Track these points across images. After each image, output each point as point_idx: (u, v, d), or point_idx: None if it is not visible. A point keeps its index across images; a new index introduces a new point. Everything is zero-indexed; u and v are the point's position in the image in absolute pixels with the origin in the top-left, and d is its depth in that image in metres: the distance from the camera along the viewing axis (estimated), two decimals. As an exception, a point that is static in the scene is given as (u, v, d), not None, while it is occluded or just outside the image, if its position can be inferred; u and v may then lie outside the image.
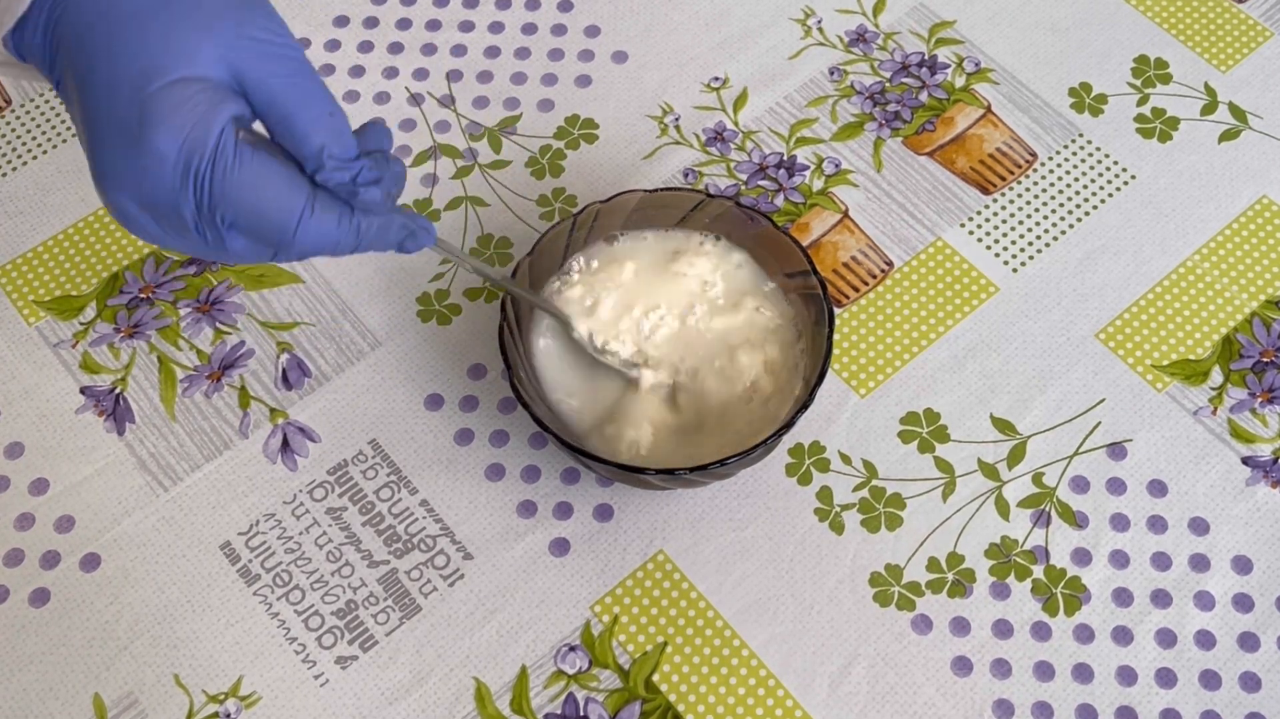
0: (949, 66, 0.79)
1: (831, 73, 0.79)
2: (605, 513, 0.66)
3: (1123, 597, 0.63)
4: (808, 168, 0.76)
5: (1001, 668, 0.62)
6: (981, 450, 0.67)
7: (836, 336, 0.70)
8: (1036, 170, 0.76)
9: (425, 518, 0.65)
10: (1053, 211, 0.74)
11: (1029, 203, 0.75)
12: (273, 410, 0.68)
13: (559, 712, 0.61)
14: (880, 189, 0.75)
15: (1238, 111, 0.78)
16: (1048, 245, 0.73)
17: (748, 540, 0.65)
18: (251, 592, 0.64)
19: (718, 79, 0.79)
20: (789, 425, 0.60)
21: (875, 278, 0.72)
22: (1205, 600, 0.63)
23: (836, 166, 0.76)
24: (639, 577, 0.64)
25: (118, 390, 0.69)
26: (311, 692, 0.61)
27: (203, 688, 0.61)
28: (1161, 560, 0.64)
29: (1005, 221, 0.74)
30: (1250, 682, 0.61)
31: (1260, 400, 0.68)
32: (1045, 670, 0.62)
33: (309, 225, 0.48)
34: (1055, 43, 0.81)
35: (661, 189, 0.67)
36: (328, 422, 0.68)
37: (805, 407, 0.60)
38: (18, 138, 0.77)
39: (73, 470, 0.67)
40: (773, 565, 0.64)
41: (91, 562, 0.64)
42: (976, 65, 0.80)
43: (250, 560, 0.64)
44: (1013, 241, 0.73)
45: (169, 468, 0.67)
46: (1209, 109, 0.78)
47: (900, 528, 0.65)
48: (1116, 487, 0.66)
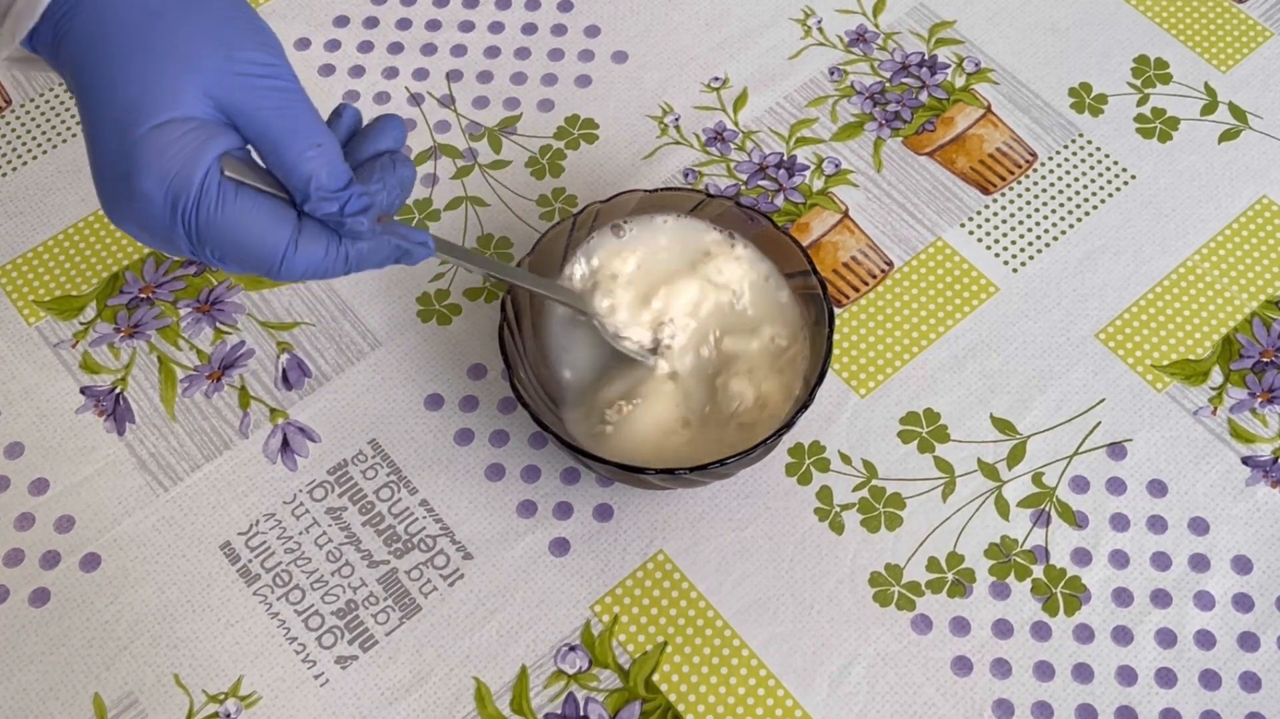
0: (949, 66, 0.79)
1: (831, 73, 0.79)
2: (605, 513, 0.66)
3: (1123, 596, 0.63)
4: (808, 168, 0.76)
5: (1001, 668, 0.62)
6: (981, 450, 0.67)
7: (836, 337, 0.70)
8: (1036, 170, 0.76)
9: (425, 518, 0.65)
10: (1053, 211, 0.74)
11: (1029, 203, 0.75)
12: (273, 410, 0.68)
13: (559, 712, 0.61)
14: (880, 189, 0.75)
15: (1238, 111, 0.78)
16: (1048, 245, 0.73)
17: (748, 540, 0.65)
18: (251, 592, 0.64)
19: (718, 79, 0.79)
20: (789, 425, 0.60)
21: (875, 278, 0.72)
22: (1205, 600, 0.63)
23: (836, 166, 0.76)
24: (639, 577, 0.64)
25: (118, 390, 0.69)
26: (311, 692, 0.61)
27: (203, 688, 0.61)
28: (1161, 560, 0.64)
29: (1005, 221, 0.74)
30: (1250, 682, 0.61)
31: (1260, 400, 0.68)
32: (1045, 670, 0.62)
33: (294, 259, 0.49)
34: (1055, 43, 0.81)
35: (661, 189, 0.67)
36: (328, 421, 0.68)
37: (805, 406, 0.60)
38: (18, 138, 0.77)
39: (73, 470, 0.67)
40: (773, 565, 0.64)
41: (91, 562, 0.64)
42: (976, 65, 0.80)
43: (250, 560, 0.64)
44: (1013, 242, 0.73)
45: (169, 468, 0.67)
46: (1209, 109, 0.78)
47: (900, 528, 0.65)
48: (1116, 486, 0.66)
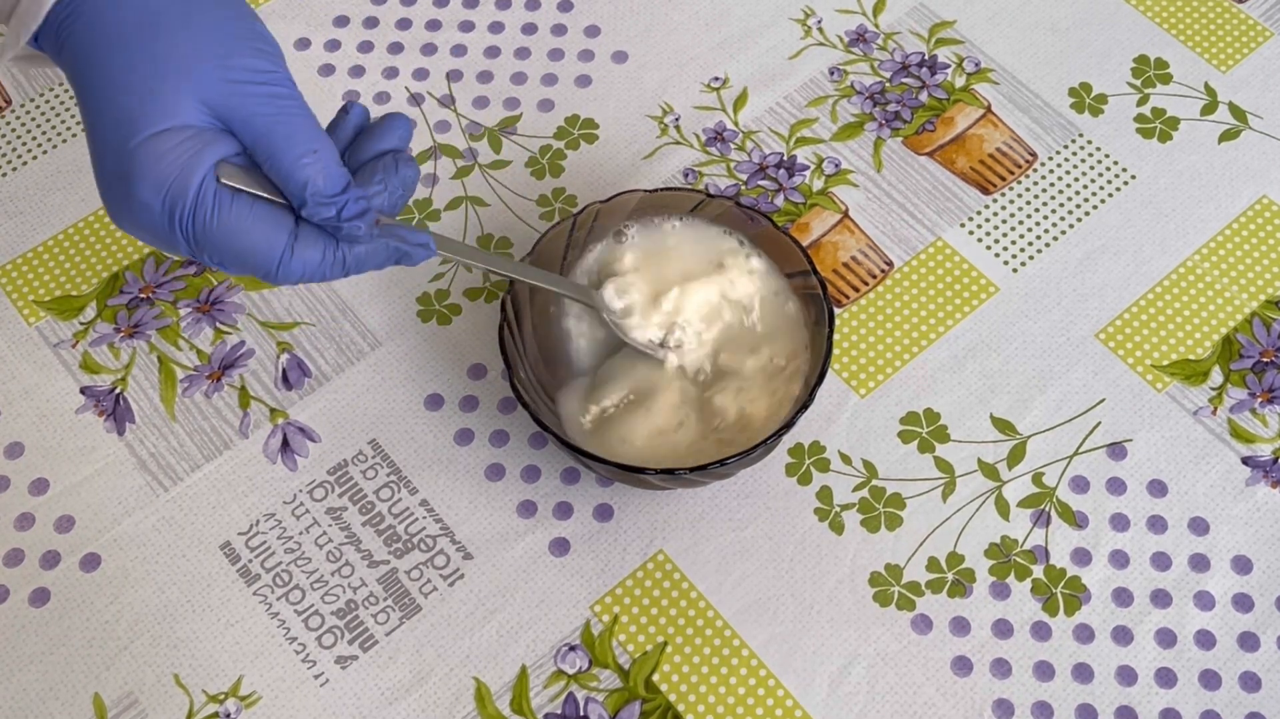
0: (949, 66, 0.79)
1: (831, 73, 0.79)
2: (605, 513, 0.66)
3: (1123, 596, 0.63)
4: (808, 168, 0.76)
5: (1001, 668, 0.62)
6: (981, 450, 0.67)
7: (836, 337, 0.70)
8: (1036, 170, 0.76)
9: (425, 518, 0.65)
10: (1053, 211, 0.74)
11: (1029, 203, 0.75)
12: (273, 410, 0.68)
13: (559, 712, 0.61)
14: (880, 189, 0.75)
15: (1238, 111, 0.78)
16: (1048, 245, 0.73)
17: (748, 540, 0.65)
18: (251, 592, 0.64)
19: (718, 79, 0.79)
20: (789, 425, 0.60)
21: (875, 278, 0.72)
22: (1205, 600, 0.63)
23: (836, 166, 0.76)
24: (639, 576, 0.64)
25: (118, 390, 0.69)
26: (311, 692, 0.61)
27: (203, 688, 0.61)
28: (1161, 560, 0.64)
29: (1005, 221, 0.74)
30: (1250, 682, 0.61)
31: (1260, 400, 0.68)
32: (1045, 670, 0.62)
33: (290, 263, 0.50)
34: (1055, 43, 0.81)
35: (661, 189, 0.67)
36: (328, 422, 0.68)
37: (805, 407, 0.60)
38: (18, 138, 0.77)
39: (73, 470, 0.67)
40: (773, 565, 0.64)
41: (91, 562, 0.64)
42: (976, 65, 0.80)
43: (250, 560, 0.64)
44: (1013, 242, 0.73)
45: (169, 468, 0.67)
46: (1209, 109, 0.78)
47: (900, 528, 0.65)
48: (1116, 487, 0.66)
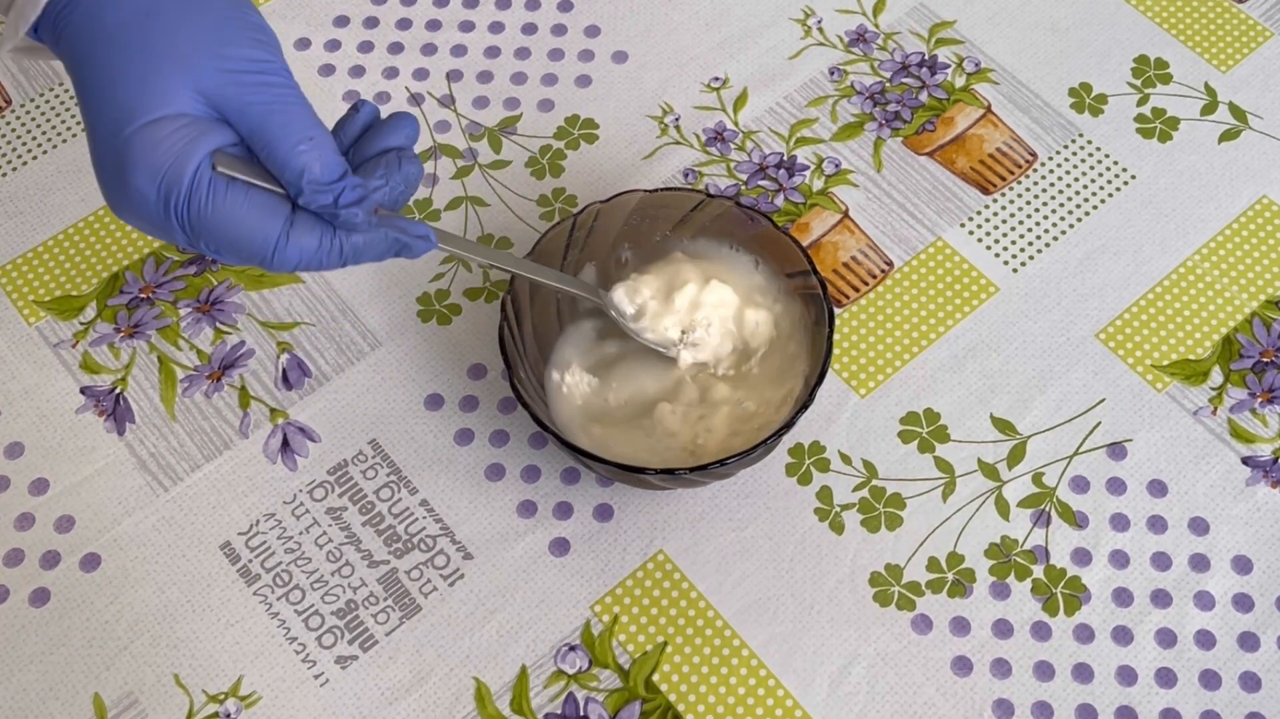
0: (949, 66, 0.79)
1: (831, 73, 0.79)
2: (605, 513, 0.66)
3: (1123, 597, 0.63)
4: (808, 168, 0.76)
5: (1001, 668, 0.62)
6: (981, 450, 0.67)
7: (836, 337, 0.70)
8: (1036, 170, 0.76)
9: (425, 518, 0.65)
10: (1053, 211, 0.74)
11: (1029, 203, 0.75)
12: (273, 410, 0.68)
13: (559, 712, 0.61)
14: (880, 189, 0.75)
15: (1238, 111, 0.78)
16: (1048, 245, 0.73)
17: (748, 540, 0.65)
18: (251, 592, 0.64)
19: (718, 79, 0.79)
20: (789, 425, 0.60)
21: (875, 278, 0.72)
22: (1205, 600, 0.63)
23: (836, 166, 0.76)
24: (639, 577, 0.64)
25: (118, 390, 0.69)
26: (311, 692, 0.61)
27: (203, 688, 0.61)
28: (1161, 560, 0.64)
29: (1005, 221, 0.74)
30: (1250, 682, 0.61)
31: (1260, 400, 0.68)
32: (1045, 670, 0.62)
33: (286, 250, 0.50)
34: (1055, 43, 0.81)
35: (662, 189, 0.67)
36: (328, 422, 0.68)
37: (805, 407, 0.60)
38: (18, 138, 0.77)
39: (73, 470, 0.67)
40: (773, 565, 0.64)
41: (91, 562, 0.64)
42: (976, 65, 0.80)
43: (250, 560, 0.64)
44: (1013, 242, 0.73)
45: (169, 468, 0.67)
46: (1209, 109, 0.78)
47: (900, 528, 0.65)
48: (1116, 487, 0.66)
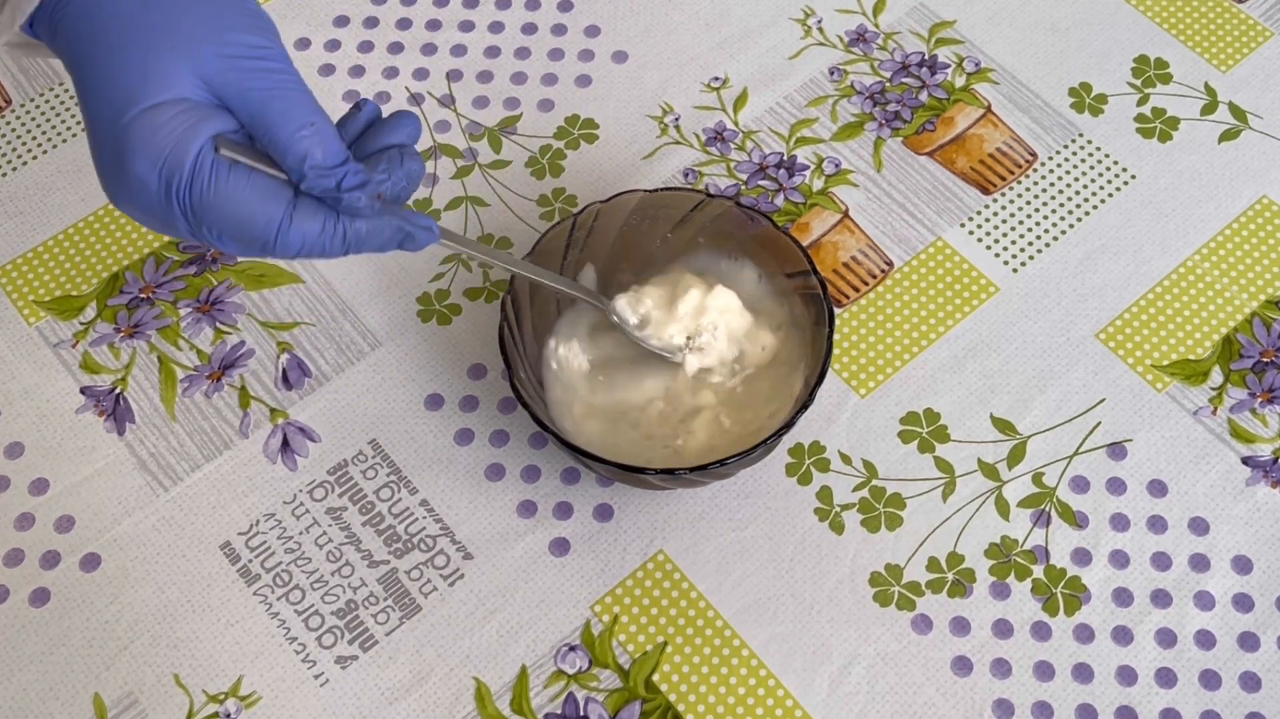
0: (949, 66, 0.79)
1: (831, 73, 0.79)
2: (605, 513, 0.66)
3: (1123, 597, 0.63)
4: (808, 168, 0.76)
5: (1001, 668, 0.62)
6: (981, 450, 0.67)
7: (836, 337, 0.70)
8: (1036, 170, 0.76)
9: (425, 518, 0.65)
10: (1053, 212, 0.74)
11: (1029, 203, 0.75)
12: (273, 410, 0.68)
13: (559, 712, 0.61)
14: (880, 189, 0.75)
15: (1238, 111, 0.78)
16: (1048, 245, 0.73)
17: (748, 540, 0.65)
18: (251, 592, 0.64)
19: (718, 79, 0.79)
20: (789, 425, 0.60)
21: (875, 278, 0.72)
22: (1205, 600, 0.63)
23: (836, 166, 0.76)
24: (639, 577, 0.64)
25: (118, 390, 0.69)
26: (311, 692, 0.61)
27: (203, 688, 0.61)
28: (1161, 560, 0.64)
29: (1005, 221, 0.74)
30: (1250, 682, 0.61)
31: (1260, 400, 0.68)
32: (1045, 670, 0.62)
33: (289, 233, 0.50)
34: (1055, 43, 0.81)
35: (661, 189, 0.67)
36: (328, 422, 0.68)
37: (805, 407, 0.60)
38: (18, 138, 0.77)
39: (73, 470, 0.67)
40: (773, 565, 0.64)
41: (91, 562, 0.64)
42: (976, 65, 0.80)
43: (250, 560, 0.64)
44: (1013, 242, 0.73)
45: (169, 468, 0.67)
46: (1209, 109, 0.78)
47: (900, 528, 0.65)
48: (1116, 487, 0.66)
